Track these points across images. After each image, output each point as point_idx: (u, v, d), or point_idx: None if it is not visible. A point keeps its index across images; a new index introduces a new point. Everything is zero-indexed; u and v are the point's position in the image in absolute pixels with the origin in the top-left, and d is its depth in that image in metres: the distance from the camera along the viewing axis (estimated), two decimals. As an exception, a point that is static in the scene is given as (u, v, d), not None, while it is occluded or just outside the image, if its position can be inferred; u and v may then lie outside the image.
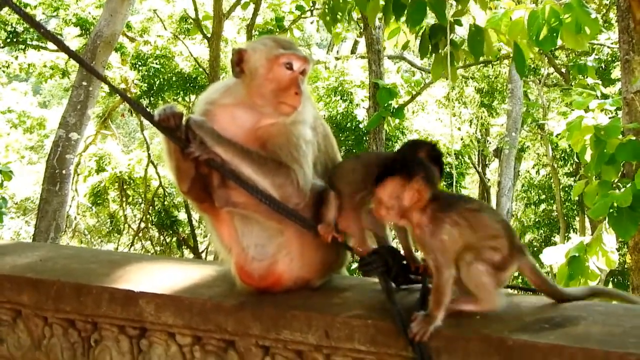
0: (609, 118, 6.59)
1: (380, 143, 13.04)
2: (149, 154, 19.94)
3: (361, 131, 17.36)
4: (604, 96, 8.65)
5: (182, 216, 20.76)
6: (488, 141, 22.31)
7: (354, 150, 16.77)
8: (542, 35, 5.92)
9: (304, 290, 2.77)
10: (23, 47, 19.16)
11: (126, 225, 21.39)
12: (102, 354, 2.95)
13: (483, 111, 20.53)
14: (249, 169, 2.66)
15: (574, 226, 21.00)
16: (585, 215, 18.12)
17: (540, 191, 22.01)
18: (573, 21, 5.86)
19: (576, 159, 17.95)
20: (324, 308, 2.59)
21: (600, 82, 10.98)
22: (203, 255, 20.79)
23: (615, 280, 18.54)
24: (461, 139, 20.42)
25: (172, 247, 20.85)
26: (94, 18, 18.36)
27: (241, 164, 2.66)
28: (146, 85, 18.70)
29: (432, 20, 6.63)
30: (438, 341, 2.31)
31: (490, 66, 19.49)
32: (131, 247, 20.53)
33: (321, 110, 17.56)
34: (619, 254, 7.78)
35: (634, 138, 5.94)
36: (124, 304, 2.88)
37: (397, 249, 2.68)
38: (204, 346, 2.76)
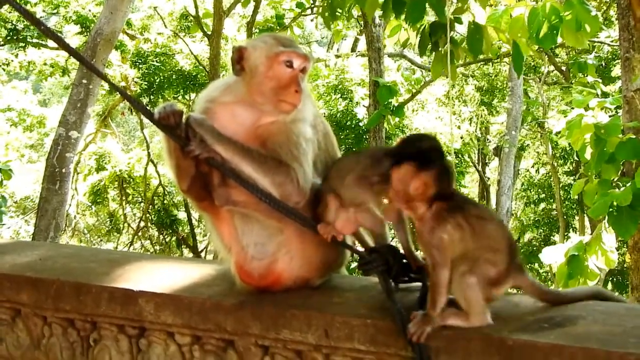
0: (609, 116, 6.59)
1: (380, 141, 13.04)
2: (149, 153, 19.93)
3: (361, 129, 17.35)
4: (604, 94, 8.64)
5: (182, 215, 20.75)
6: (488, 140, 22.29)
7: (354, 148, 16.74)
8: (542, 32, 5.92)
9: (304, 289, 2.76)
10: (23, 45, 19.12)
11: (126, 224, 21.37)
12: (101, 354, 2.95)
13: (483, 109, 20.52)
14: (249, 167, 2.66)
15: (574, 225, 20.99)
16: (584, 214, 18.11)
17: (540, 190, 21.99)
18: (573, 19, 5.85)
19: (576, 158, 17.94)
20: (324, 307, 2.58)
21: (600, 80, 10.95)
22: (202, 254, 20.78)
23: (614, 279, 18.54)
24: (461, 138, 20.42)
25: (172, 246, 20.84)
26: (94, 16, 18.33)
27: (241, 162, 2.66)
28: (146, 83, 18.66)
29: (433, 17, 6.62)
30: (438, 341, 2.30)
31: (490, 64, 19.47)
32: (131, 246, 20.52)
33: (321, 108, 17.55)
34: (619, 253, 7.79)
35: (634, 136, 5.94)
36: (124, 303, 2.87)
37: (397, 248, 2.67)
38: (203, 346, 2.76)
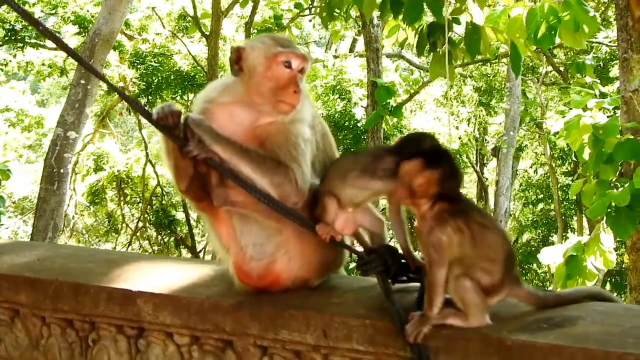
0: (607, 117, 6.59)
1: (378, 142, 13.04)
2: (147, 153, 19.91)
3: (359, 130, 17.35)
4: (602, 95, 8.65)
5: (180, 215, 20.73)
6: (486, 140, 22.30)
7: (352, 149, 16.74)
8: (541, 33, 5.92)
9: (302, 289, 2.76)
10: (21, 45, 19.11)
11: (124, 224, 21.36)
12: (100, 354, 2.95)
13: (481, 110, 20.52)
14: (248, 168, 2.66)
15: (572, 226, 20.99)
16: (583, 214, 18.11)
17: (538, 190, 21.99)
18: (571, 19, 5.85)
19: (574, 158, 17.93)
20: (322, 308, 2.58)
21: (598, 81, 10.96)
22: (201, 254, 20.76)
23: (612, 280, 18.54)
24: (459, 138, 20.43)
25: (170, 247, 20.83)
26: (92, 16, 18.32)
27: (239, 163, 2.66)
28: (144, 83, 18.65)
29: (431, 18, 6.62)
30: (437, 341, 2.30)
31: (488, 65, 19.47)
32: (129, 247, 20.50)
33: (319, 108, 17.55)
34: (617, 254, 7.79)
35: (632, 137, 5.94)
36: (122, 304, 2.87)
37: (396, 249, 2.67)
38: (202, 346, 2.76)
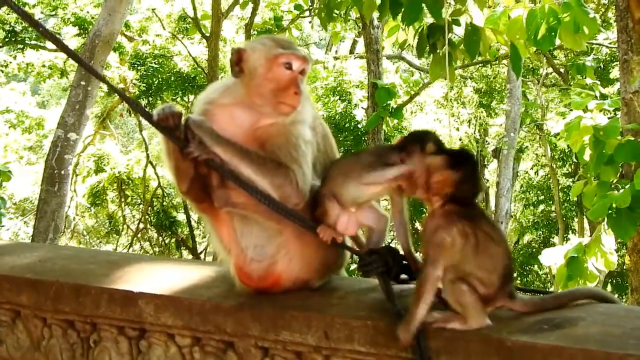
0: (608, 118, 6.59)
1: (378, 143, 13.03)
2: (148, 154, 19.91)
3: (360, 131, 17.36)
4: (603, 96, 8.64)
5: (181, 217, 20.73)
6: (487, 141, 22.28)
7: (353, 150, 16.75)
8: (541, 34, 5.91)
9: (303, 291, 2.76)
10: (21, 47, 19.12)
11: (125, 225, 21.36)
12: (101, 355, 2.95)
13: (481, 111, 20.53)
14: (248, 169, 2.66)
15: (573, 227, 20.99)
16: (584, 216, 18.11)
17: (539, 192, 22.00)
18: (571, 21, 5.85)
19: (575, 160, 17.94)
20: (324, 309, 2.58)
21: (598, 82, 10.97)
22: (202, 256, 20.76)
23: (614, 281, 18.55)
24: (460, 140, 20.42)
25: (171, 248, 20.83)
26: (93, 17, 18.32)
27: (240, 164, 2.66)
28: (145, 85, 18.66)
29: (431, 19, 6.61)
30: (438, 342, 2.30)
31: (488, 66, 19.48)
32: (130, 248, 20.49)
33: (320, 110, 17.55)
34: (618, 255, 7.78)
35: (633, 138, 5.94)
36: (123, 305, 2.87)
37: (397, 250, 2.67)
38: (204, 347, 2.76)
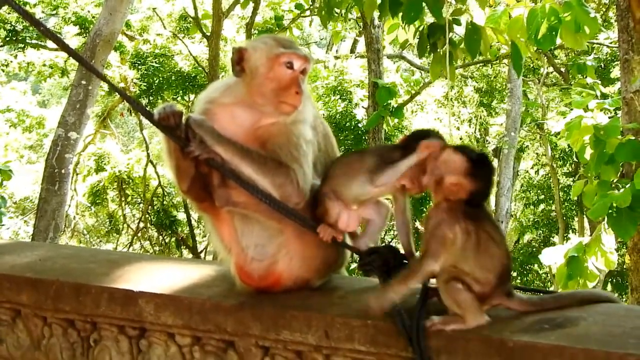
0: (608, 118, 6.59)
1: (379, 142, 13.03)
2: (148, 154, 19.91)
3: (360, 130, 17.35)
4: (604, 96, 8.63)
5: (181, 216, 20.73)
6: (487, 141, 22.28)
7: (353, 149, 16.75)
8: (541, 33, 5.91)
9: (304, 290, 2.76)
10: (22, 46, 19.12)
11: (125, 225, 21.36)
12: (102, 354, 2.95)
13: (482, 111, 20.53)
14: (249, 169, 2.66)
15: (573, 226, 20.98)
16: (584, 215, 18.10)
17: (539, 191, 21.99)
18: (572, 20, 5.84)
19: (575, 159, 17.94)
20: (324, 308, 2.58)
21: (599, 82, 10.94)
22: (202, 255, 20.77)
23: (614, 281, 18.54)
24: (460, 139, 20.41)
25: (171, 247, 20.83)
26: (93, 17, 18.32)
27: (241, 163, 2.66)
28: (145, 84, 18.64)
29: (431, 19, 6.61)
30: (438, 341, 2.31)
31: (489, 65, 19.48)
32: (130, 247, 20.50)
33: (320, 109, 17.55)
34: (618, 255, 7.77)
35: (634, 138, 5.93)
36: (124, 304, 2.87)
37: (398, 249, 2.67)
38: (204, 346, 2.76)
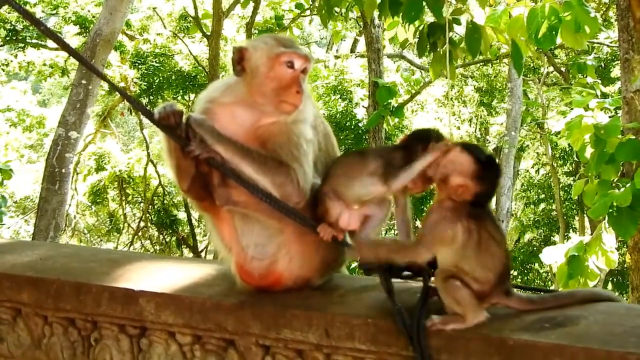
0: (609, 117, 6.59)
1: (379, 142, 13.03)
2: (149, 153, 19.92)
3: (360, 130, 17.36)
4: (604, 95, 8.65)
5: (182, 215, 20.75)
6: (487, 140, 22.28)
7: (354, 149, 16.74)
8: (542, 33, 5.90)
9: (304, 289, 2.77)
10: (22, 46, 19.13)
11: (126, 224, 21.37)
12: (102, 353, 2.95)
13: (482, 110, 20.53)
14: (249, 168, 2.66)
15: (574, 225, 20.98)
16: (584, 214, 18.11)
17: (539, 190, 21.98)
18: (572, 19, 5.84)
19: (576, 158, 17.94)
20: (324, 307, 2.59)
21: (599, 81, 10.97)
22: (202, 254, 20.78)
23: (614, 280, 18.53)
24: (460, 138, 20.40)
25: (172, 246, 20.84)
26: (94, 16, 18.32)
27: (241, 163, 2.66)
28: (145, 83, 18.65)
29: (432, 18, 6.61)
30: (438, 340, 2.31)
31: (489, 65, 19.47)
32: (130, 246, 20.51)
33: (321, 109, 17.55)
34: (619, 254, 7.78)
35: (634, 137, 5.94)
36: (124, 303, 2.88)
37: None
38: (204, 345, 2.76)
